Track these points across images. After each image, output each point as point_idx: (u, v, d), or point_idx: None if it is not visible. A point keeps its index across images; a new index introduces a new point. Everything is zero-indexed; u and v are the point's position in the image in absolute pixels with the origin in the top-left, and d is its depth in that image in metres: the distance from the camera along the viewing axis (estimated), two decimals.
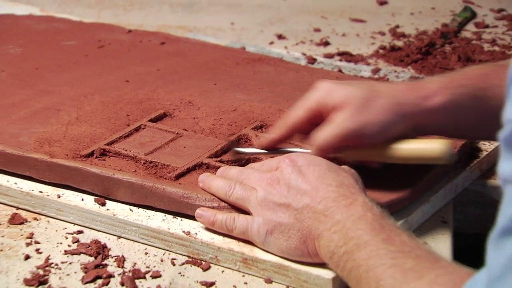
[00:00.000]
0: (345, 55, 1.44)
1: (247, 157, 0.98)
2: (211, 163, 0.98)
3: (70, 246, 0.91)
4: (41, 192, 0.97)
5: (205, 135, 1.05)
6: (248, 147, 1.02)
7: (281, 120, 0.95)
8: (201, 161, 0.98)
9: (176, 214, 0.92)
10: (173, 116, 1.10)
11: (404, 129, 0.90)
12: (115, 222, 0.93)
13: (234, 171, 0.92)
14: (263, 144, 0.96)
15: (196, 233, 0.89)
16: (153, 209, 0.93)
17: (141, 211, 0.94)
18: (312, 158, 0.88)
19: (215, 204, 0.90)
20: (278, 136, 0.95)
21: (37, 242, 0.91)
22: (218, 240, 0.88)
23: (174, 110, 1.11)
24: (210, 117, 1.09)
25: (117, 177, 0.95)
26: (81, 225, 0.94)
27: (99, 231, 0.93)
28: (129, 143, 1.02)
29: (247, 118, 1.08)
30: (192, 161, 0.98)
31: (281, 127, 0.95)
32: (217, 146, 1.01)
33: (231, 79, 1.21)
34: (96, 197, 0.95)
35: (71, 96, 1.15)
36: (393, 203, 0.91)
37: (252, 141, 1.03)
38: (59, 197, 0.96)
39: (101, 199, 0.95)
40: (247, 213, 0.88)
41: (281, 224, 0.84)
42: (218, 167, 0.97)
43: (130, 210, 0.94)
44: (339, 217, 0.80)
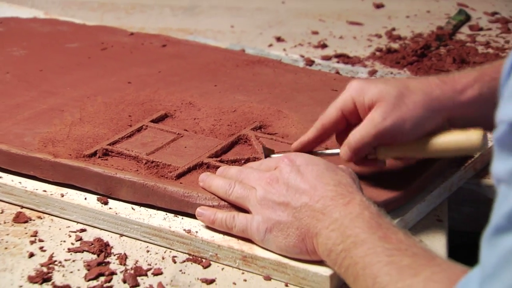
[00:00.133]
0: (343, 57, 1.43)
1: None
2: (211, 162, 0.98)
3: (73, 244, 0.91)
4: (45, 191, 0.97)
5: (205, 136, 1.04)
6: (248, 147, 1.02)
7: (315, 123, 0.95)
8: (201, 161, 0.98)
9: (177, 213, 0.92)
10: (174, 117, 1.10)
11: (439, 123, 0.90)
12: (117, 220, 0.92)
13: (233, 170, 0.92)
14: (298, 147, 0.95)
15: (196, 231, 0.89)
16: (155, 207, 0.93)
17: (142, 209, 0.93)
18: (310, 158, 0.88)
19: (215, 203, 0.90)
20: (311, 138, 0.95)
21: (41, 240, 0.91)
22: (218, 238, 0.88)
23: (175, 111, 1.11)
24: (210, 117, 1.09)
25: (119, 176, 0.95)
26: (84, 224, 0.94)
27: (101, 229, 0.93)
28: (131, 143, 1.02)
29: (246, 119, 1.08)
30: (193, 161, 0.98)
31: (314, 129, 0.94)
32: (217, 146, 1.01)
33: (231, 80, 1.21)
34: (98, 196, 0.95)
35: (74, 97, 1.15)
36: (389, 202, 0.91)
37: (252, 141, 1.03)
38: (62, 196, 0.96)
39: (104, 198, 0.95)
40: (247, 211, 0.88)
41: (280, 222, 0.84)
42: (218, 167, 0.96)
43: (132, 208, 0.94)
44: (337, 216, 0.80)
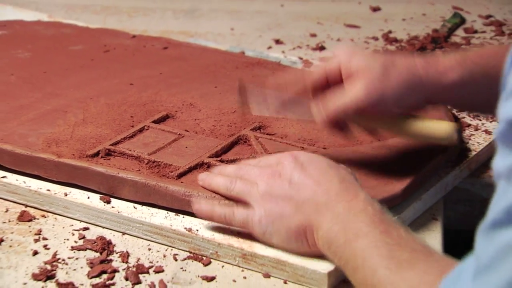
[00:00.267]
0: None
1: (250, 99, 0.98)
2: (211, 162, 0.97)
3: (76, 242, 0.91)
4: (48, 190, 0.97)
5: (206, 136, 1.04)
6: (247, 147, 1.02)
7: (299, 74, 0.95)
8: (202, 161, 0.98)
9: (178, 212, 0.92)
10: (175, 117, 1.10)
11: (419, 102, 0.91)
12: (119, 219, 0.92)
13: (231, 168, 0.92)
14: (273, 86, 0.96)
15: (197, 230, 0.89)
16: (156, 206, 0.93)
17: (144, 208, 0.93)
18: (313, 155, 0.88)
19: (215, 202, 0.90)
20: (287, 82, 0.95)
21: (45, 239, 0.91)
22: (218, 236, 0.88)
23: (176, 112, 1.11)
24: (211, 118, 1.09)
25: (122, 176, 0.94)
26: (87, 222, 0.94)
27: (104, 227, 0.93)
28: (133, 143, 1.02)
29: (246, 120, 1.08)
30: (194, 160, 0.98)
31: (298, 81, 0.95)
32: (217, 146, 1.01)
33: (231, 82, 1.21)
34: (101, 195, 0.95)
35: (77, 98, 1.15)
36: (386, 200, 0.91)
37: (251, 141, 1.02)
38: (66, 195, 0.96)
39: (106, 197, 0.95)
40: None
41: (282, 215, 0.84)
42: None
43: (134, 207, 0.93)
44: (340, 210, 0.80)
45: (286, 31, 1.62)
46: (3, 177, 0.99)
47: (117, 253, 0.89)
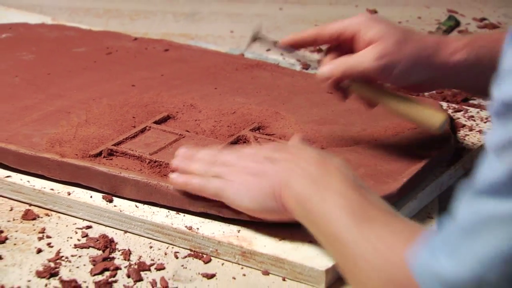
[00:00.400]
0: None
1: (264, 44, 1.01)
2: None
3: (79, 240, 0.90)
4: (52, 189, 0.96)
5: (206, 136, 1.04)
6: (245, 147, 1.02)
7: (314, 28, 0.96)
8: None
9: (179, 210, 0.92)
10: (176, 118, 1.10)
11: (424, 79, 0.91)
12: (121, 217, 0.92)
13: (204, 152, 0.91)
14: (286, 40, 0.97)
15: (197, 228, 0.89)
16: (157, 205, 0.93)
17: (146, 207, 0.93)
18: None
19: (215, 201, 0.90)
20: (303, 36, 0.96)
21: (48, 237, 0.91)
22: (218, 234, 0.88)
23: (177, 112, 1.11)
24: (211, 119, 1.09)
25: (124, 175, 0.94)
26: (90, 221, 0.94)
27: (106, 226, 0.93)
28: (135, 143, 1.02)
29: (245, 120, 1.08)
30: None
31: (310, 31, 0.95)
32: (217, 146, 1.01)
33: (230, 83, 1.21)
34: (104, 194, 0.95)
35: (80, 99, 1.15)
36: (383, 199, 0.91)
37: (251, 141, 1.02)
38: (69, 194, 0.96)
39: (109, 196, 0.95)
40: None
41: (257, 180, 0.83)
42: None
43: (136, 206, 0.93)
44: (312, 169, 0.79)
45: (284, 33, 1.60)
46: (7, 176, 0.99)
47: (119, 251, 0.88)
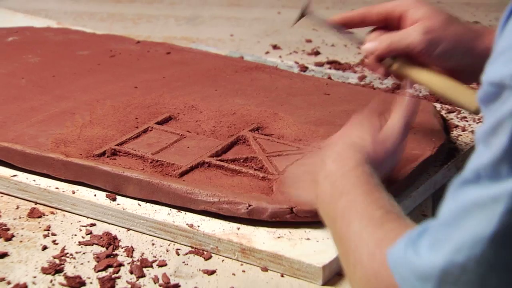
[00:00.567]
0: (334, 64, 1.43)
1: (313, 20, 1.01)
2: (212, 162, 0.97)
3: (83, 237, 0.90)
4: (57, 188, 0.96)
5: (206, 137, 1.04)
6: (246, 147, 1.01)
7: (363, 8, 0.96)
8: (203, 160, 0.97)
9: (180, 209, 0.92)
10: (177, 119, 1.09)
11: (465, 63, 0.91)
12: (124, 215, 0.92)
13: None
14: (335, 19, 0.97)
15: (198, 226, 0.89)
16: (159, 203, 0.93)
17: (148, 205, 0.93)
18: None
19: (215, 199, 0.90)
20: (352, 15, 0.96)
21: (53, 234, 0.91)
22: (218, 232, 0.88)
23: (178, 113, 1.11)
24: (211, 120, 1.09)
25: (127, 174, 0.94)
26: (93, 219, 0.94)
27: (110, 224, 0.93)
28: (137, 143, 1.02)
29: (245, 121, 1.08)
30: (195, 160, 0.98)
31: (359, 10, 0.95)
32: (217, 146, 1.01)
33: (230, 85, 1.21)
34: (107, 193, 0.95)
35: (85, 101, 1.14)
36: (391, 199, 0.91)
37: (249, 141, 1.02)
38: (73, 193, 0.95)
39: (112, 194, 0.94)
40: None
41: (306, 172, 0.85)
42: (219, 166, 0.96)
43: (139, 204, 0.93)
44: (332, 168, 0.79)
45: (282, 37, 1.61)
46: (14, 175, 0.99)
47: (122, 248, 0.88)
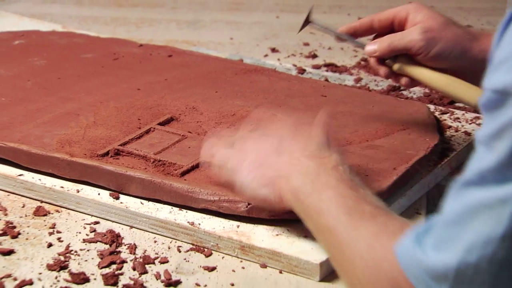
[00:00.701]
0: (331, 66, 1.43)
1: (317, 29, 1.02)
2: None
3: (88, 235, 0.90)
4: (62, 187, 0.96)
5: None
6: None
7: (368, 16, 0.97)
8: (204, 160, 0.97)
9: (182, 207, 0.92)
10: (179, 120, 1.10)
11: (462, 64, 0.92)
12: (127, 214, 0.92)
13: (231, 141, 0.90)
14: (345, 29, 0.98)
15: (199, 224, 0.89)
16: (161, 202, 0.93)
17: (150, 204, 0.93)
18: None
19: (215, 198, 0.90)
20: (359, 26, 0.97)
21: (58, 232, 0.91)
22: (219, 229, 0.88)
23: (180, 114, 1.11)
24: (212, 121, 1.09)
25: (130, 174, 0.94)
26: (97, 217, 0.94)
27: (113, 221, 0.93)
28: (140, 144, 1.02)
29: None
30: (196, 160, 0.98)
31: (366, 20, 0.96)
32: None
33: (230, 87, 1.21)
34: (111, 192, 0.95)
35: (89, 102, 1.14)
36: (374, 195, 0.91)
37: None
38: (78, 191, 0.95)
39: (115, 193, 0.94)
40: None
41: (261, 166, 0.82)
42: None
43: (141, 203, 0.93)
44: (311, 165, 0.78)
45: (281, 40, 1.61)
46: (20, 175, 0.99)
47: (125, 245, 0.88)
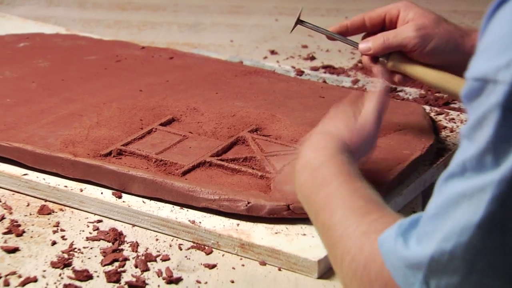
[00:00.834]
0: (329, 68, 1.43)
1: (308, 28, 1.02)
2: (213, 161, 0.97)
3: (91, 233, 0.90)
4: (66, 186, 0.96)
5: (208, 137, 1.04)
6: (245, 147, 1.01)
7: (359, 15, 0.96)
8: (204, 160, 0.97)
9: (183, 206, 0.92)
10: (180, 120, 1.09)
11: (455, 60, 0.91)
12: (130, 212, 0.92)
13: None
14: (336, 28, 0.97)
15: (200, 222, 0.89)
16: (163, 201, 0.93)
17: (152, 203, 0.93)
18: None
19: (216, 197, 0.90)
20: (350, 24, 0.96)
21: (62, 230, 0.91)
22: (219, 228, 0.88)
23: (181, 115, 1.11)
24: (212, 121, 1.09)
25: (132, 173, 0.94)
26: (100, 215, 0.94)
27: (116, 220, 0.93)
28: (142, 144, 1.02)
29: (244, 122, 1.08)
30: (197, 159, 0.97)
31: (357, 19, 0.96)
32: (218, 146, 1.01)
33: (230, 88, 1.21)
34: (113, 191, 0.95)
35: (92, 103, 1.14)
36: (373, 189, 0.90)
37: (249, 142, 1.02)
38: (81, 191, 0.95)
39: (118, 192, 0.94)
40: None
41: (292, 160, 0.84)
42: (219, 165, 0.96)
43: (143, 202, 0.93)
44: (310, 159, 0.78)
45: (280, 42, 1.61)
46: (24, 174, 0.99)
47: (127, 243, 0.88)
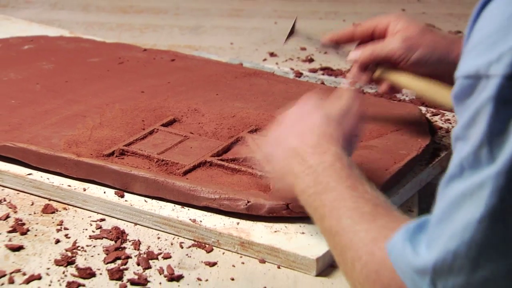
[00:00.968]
0: (327, 70, 1.43)
1: (302, 38, 1.03)
2: (213, 161, 0.97)
3: (94, 232, 0.90)
4: (69, 186, 0.96)
5: (208, 138, 1.04)
6: (245, 147, 1.01)
7: (351, 26, 0.98)
8: (205, 160, 0.97)
9: (184, 205, 0.92)
10: (181, 121, 1.09)
11: (442, 70, 0.92)
12: (132, 211, 0.92)
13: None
14: (326, 38, 0.99)
15: (201, 221, 0.89)
16: (164, 200, 0.93)
17: (154, 202, 0.93)
18: (315, 106, 0.86)
19: (216, 196, 0.90)
20: (340, 34, 0.98)
21: (66, 229, 0.90)
22: (219, 226, 0.88)
23: (182, 116, 1.11)
24: (213, 122, 1.09)
25: (134, 173, 0.94)
26: (103, 214, 0.94)
27: (118, 219, 0.93)
28: (144, 144, 1.02)
29: (244, 123, 1.08)
30: (198, 159, 0.97)
31: (348, 30, 0.97)
32: (218, 146, 1.01)
33: (230, 90, 1.21)
34: (116, 190, 0.95)
35: (95, 104, 1.14)
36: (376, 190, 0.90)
37: (249, 142, 1.02)
38: (84, 190, 0.95)
39: (120, 192, 0.94)
40: None
41: (273, 156, 0.83)
42: (220, 165, 0.96)
43: (145, 201, 0.93)
44: (312, 163, 0.77)
45: (279, 45, 1.61)
46: (29, 174, 0.98)
47: (130, 241, 0.88)
